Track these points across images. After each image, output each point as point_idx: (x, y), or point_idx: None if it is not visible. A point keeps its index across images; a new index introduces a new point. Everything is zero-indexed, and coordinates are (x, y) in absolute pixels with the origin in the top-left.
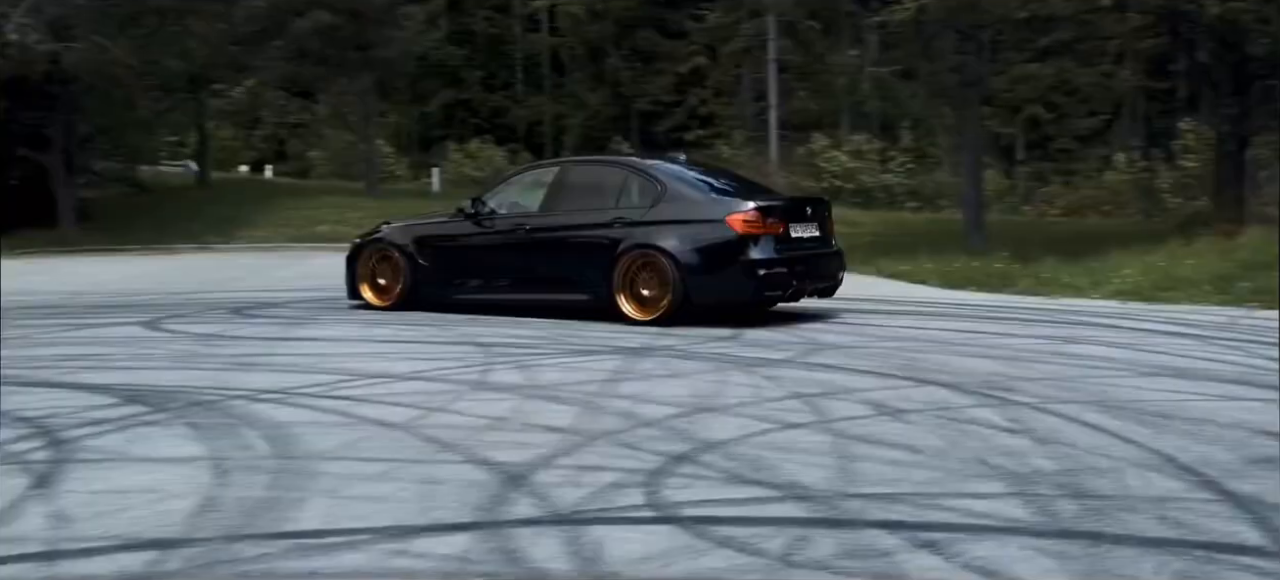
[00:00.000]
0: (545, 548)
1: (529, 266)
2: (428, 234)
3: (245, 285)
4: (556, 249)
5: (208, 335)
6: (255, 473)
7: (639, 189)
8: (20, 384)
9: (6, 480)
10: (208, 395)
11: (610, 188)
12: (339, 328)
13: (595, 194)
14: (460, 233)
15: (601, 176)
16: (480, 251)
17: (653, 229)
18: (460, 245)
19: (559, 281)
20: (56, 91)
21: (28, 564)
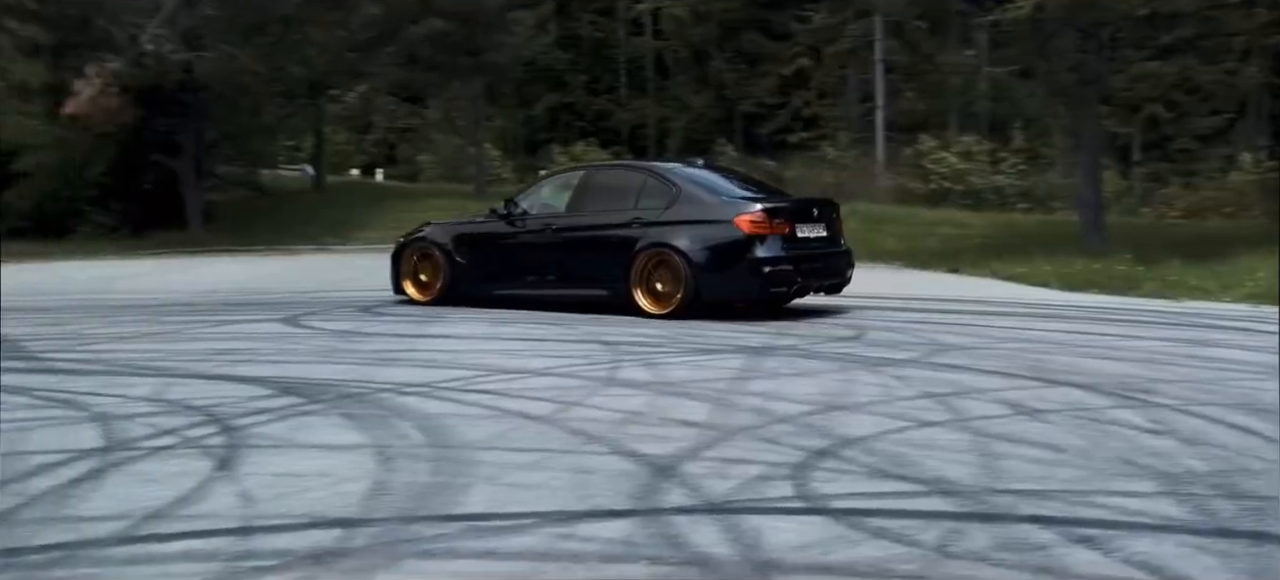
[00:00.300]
0: (704, 534)
1: (555, 263)
2: (465, 233)
3: (366, 284)
4: (580, 247)
5: (344, 332)
6: (417, 460)
7: (656, 191)
8: (181, 375)
9: (191, 463)
10: (356, 389)
11: (630, 190)
12: (466, 326)
13: (616, 196)
14: (494, 232)
15: (622, 179)
16: (512, 249)
17: (667, 229)
18: (494, 244)
19: (581, 277)
20: (188, 99)
21: (227, 538)
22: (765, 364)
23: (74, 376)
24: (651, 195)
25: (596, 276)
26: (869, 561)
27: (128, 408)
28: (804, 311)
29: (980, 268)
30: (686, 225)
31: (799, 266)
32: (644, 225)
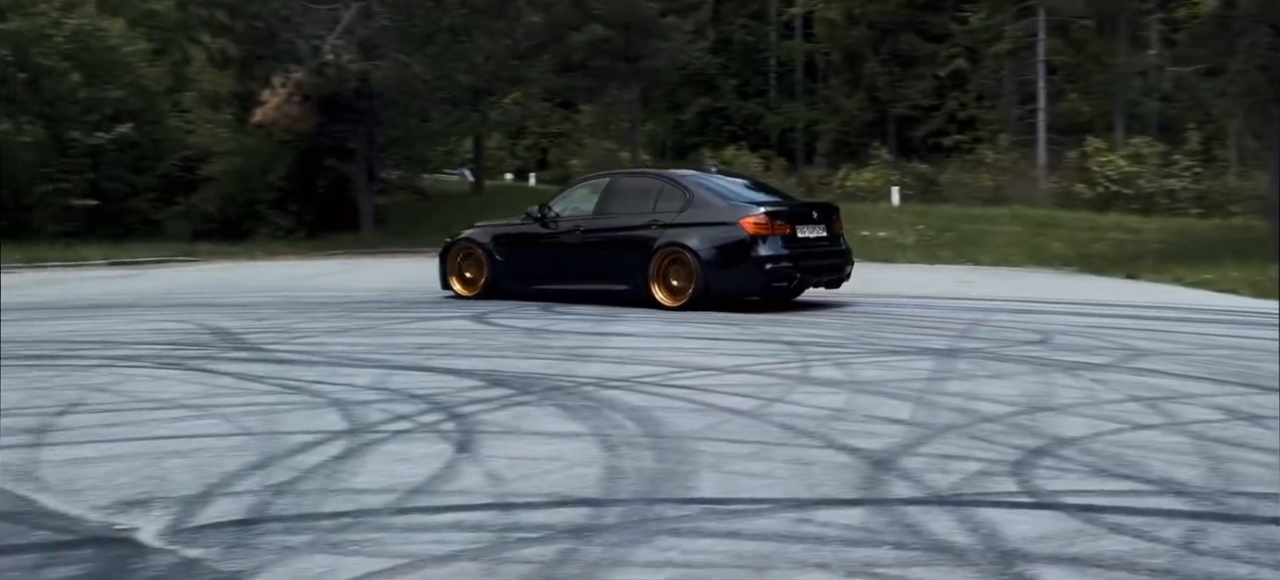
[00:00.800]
0: (940, 523)
1: (582, 261)
2: (504, 234)
3: None
4: (604, 247)
5: (532, 329)
6: (638, 448)
7: (671, 196)
8: (395, 367)
9: (433, 446)
10: (560, 382)
11: (649, 195)
12: (644, 324)
13: (637, 200)
14: (529, 233)
15: (642, 185)
16: (544, 249)
17: (680, 230)
18: (529, 244)
19: (605, 274)
20: (362, 107)
21: (488, 513)
22: (956, 366)
23: (299, 367)
24: (667, 200)
25: (619, 273)
26: (1115, 555)
27: (358, 395)
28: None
29: (1160, 274)
30: (698, 227)
31: (798, 264)
32: (661, 227)
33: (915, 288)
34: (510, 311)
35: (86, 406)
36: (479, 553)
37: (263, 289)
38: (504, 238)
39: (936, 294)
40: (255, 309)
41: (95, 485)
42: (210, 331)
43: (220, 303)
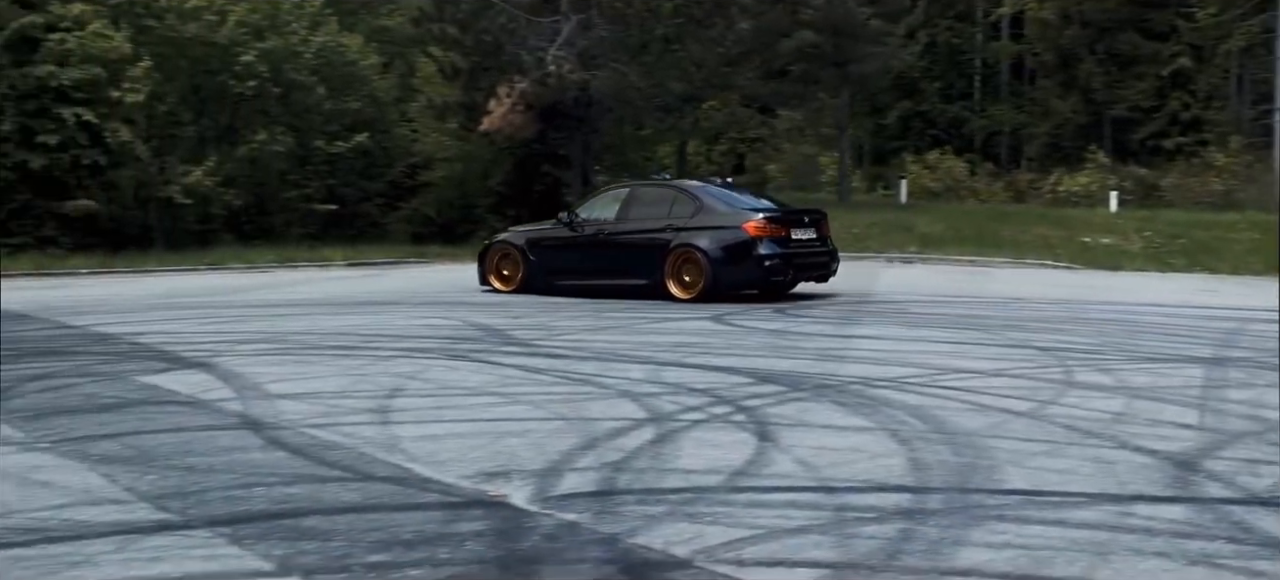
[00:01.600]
0: (1267, 522)
1: (607, 260)
2: (537, 237)
3: None
4: (626, 248)
5: (775, 330)
6: (932, 443)
7: (683, 204)
8: (661, 363)
9: (734, 434)
10: (827, 381)
11: (664, 202)
12: (882, 328)
13: (653, 208)
14: (560, 236)
15: (657, 195)
16: (572, 250)
17: (692, 233)
18: (560, 245)
19: (626, 271)
20: (580, 114)
21: (815, 494)
22: (1229, 374)
23: (572, 361)
24: (680, 207)
25: (638, 270)
26: None
27: (640, 388)
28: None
29: None
30: (706, 230)
31: (791, 261)
32: (675, 230)
33: (1151, 295)
34: (748, 314)
35: (408, 392)
36: (824, 527)
37: None
38: (537, 240)
39: (1177, 302)
40: (507, 307)
41: (453, 458)
42: (476, 328)
43: (471, 301)
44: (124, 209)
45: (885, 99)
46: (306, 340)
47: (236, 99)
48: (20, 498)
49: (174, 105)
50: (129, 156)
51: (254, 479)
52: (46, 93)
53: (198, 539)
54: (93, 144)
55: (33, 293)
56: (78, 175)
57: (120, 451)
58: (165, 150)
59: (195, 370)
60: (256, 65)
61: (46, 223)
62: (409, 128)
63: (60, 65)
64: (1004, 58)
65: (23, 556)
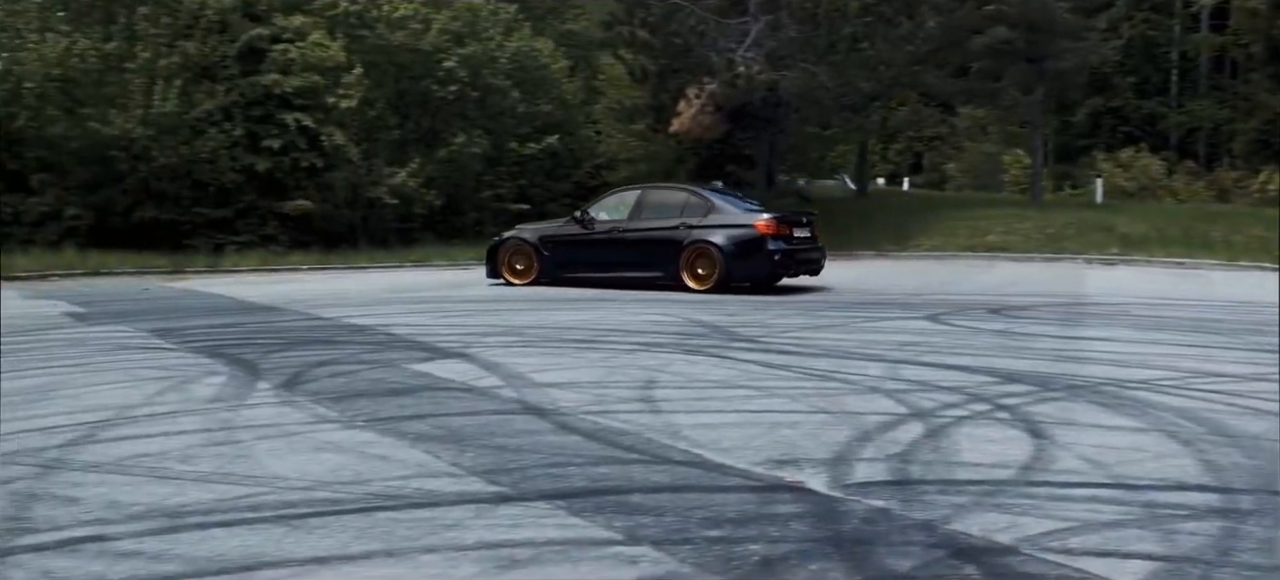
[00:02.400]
0: None
1: (625, 256)
2: (550, 235)
3: (966, 288)
4: (643, 244)
5: (997, 330)
6: (1217, 446)
7: (696, 205)
8: (894, 361)
9: (1005, 431)
10: (1074, 381)
11: (677, 203)
12: (1109, 329)
13: (667, 208)
14: (573, 234)
15: (670, 197)
16: (587, 246)
17: (706, 230)
18: (573, 242)
19: (644, 265)
20: (767, 115)
21: (1116, 490)
22: None
23: (805, 357)
24: (693, 208)
25: (655, 264)
26: None
27: (887, 384)
28: None
29: None
30: (720, 228)
31: (793, 257)
32: (689, 228)
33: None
34: (961, 315)
35: (662, 384)
36: (1139, 522)
37: None
38: (550, 238)
39: None
40: (722, 305)
41: (737, 446)
42: (699, 324)
43: (682, 300)
44: (335, 208)
45: (1074, 95)
46: (543, 334)
47: (438, 103)
48: (369, 469)
49: (381, 110)
50: (342, 159)
51: (562, 459)
52: (271, 100)
53: (540, 510)
54: (310, 147)
55: (265, 287)
56: (296, 177)
57: (431, 431)
58: (373, 153)
59: (455, 360)
60: (457, 70)
61: (268, 221)
62: (593, 129)
63: (283, 74)
64: (1205, 51)
65: (400, 518)
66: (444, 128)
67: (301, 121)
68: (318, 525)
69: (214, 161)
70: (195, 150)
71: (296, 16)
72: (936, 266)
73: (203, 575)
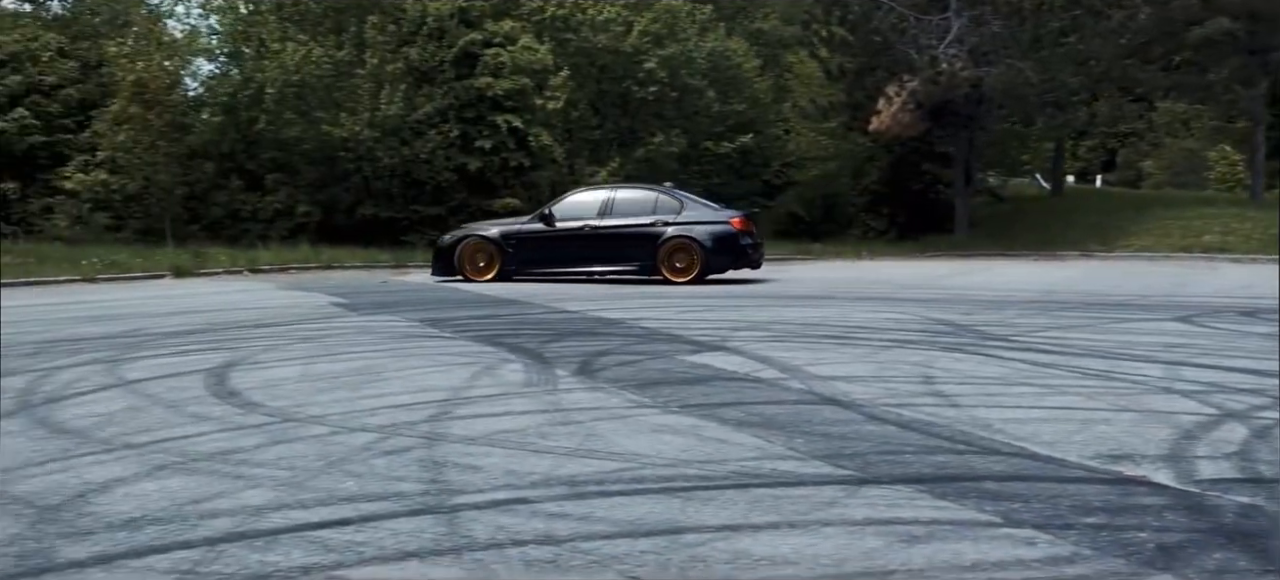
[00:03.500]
0: None
1: (598, 251)
2: (513, 232)
3: (1199, 291)
4: (618, 240)
5: (1263, 333)
6: None
7: (668, 204)
8: (1166, 363)
9: None
10: None
11: (650, 202)
12: None
13: (640, 206)
14: (538, 231)
15: (642, 196)
16: (556, 243)
17: (684, 226)
18: (540, 238)
19: (620, 260)
20: (969, 112)
21: None
22: None
23: (1071, 356)
24: (666, 206)
25: (631, 258)
26: None
27: (1177, 385)
28: None
29: None
30: (697, 224)
31: (758, 249)
32: (666, 224)
33: None
34: (1215, 317)
35: (940, 380)
36: None
37: (913, 285)
38: (513, 234)
39: None
40: (954, 304)
41: (1059, 440)
42: (937, 322)
43: (899, 297)
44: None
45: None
46: (789, 329)
47: (637, 103)
48: (714, 451)
49: (584, 111)
50: (547, 159)
51: (891, 448)
52: (483, 102)
53: (903, 493)
54: (518, 147)
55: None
56: (504, 176)
57: (747, 418)
58: (575, 152)
59: (720, 353)
60: (657, 71)
61: (478, 218)
62: (783, 127)
63: (494, 77)
64: None
65: (776, 494)
66: (641, 127)
67: (511, 122)
68: (706, 497)
69: (431, 161)
70: (415, 151)
71: (506, 21)
72: (1151, 268)
73: (635, 535)
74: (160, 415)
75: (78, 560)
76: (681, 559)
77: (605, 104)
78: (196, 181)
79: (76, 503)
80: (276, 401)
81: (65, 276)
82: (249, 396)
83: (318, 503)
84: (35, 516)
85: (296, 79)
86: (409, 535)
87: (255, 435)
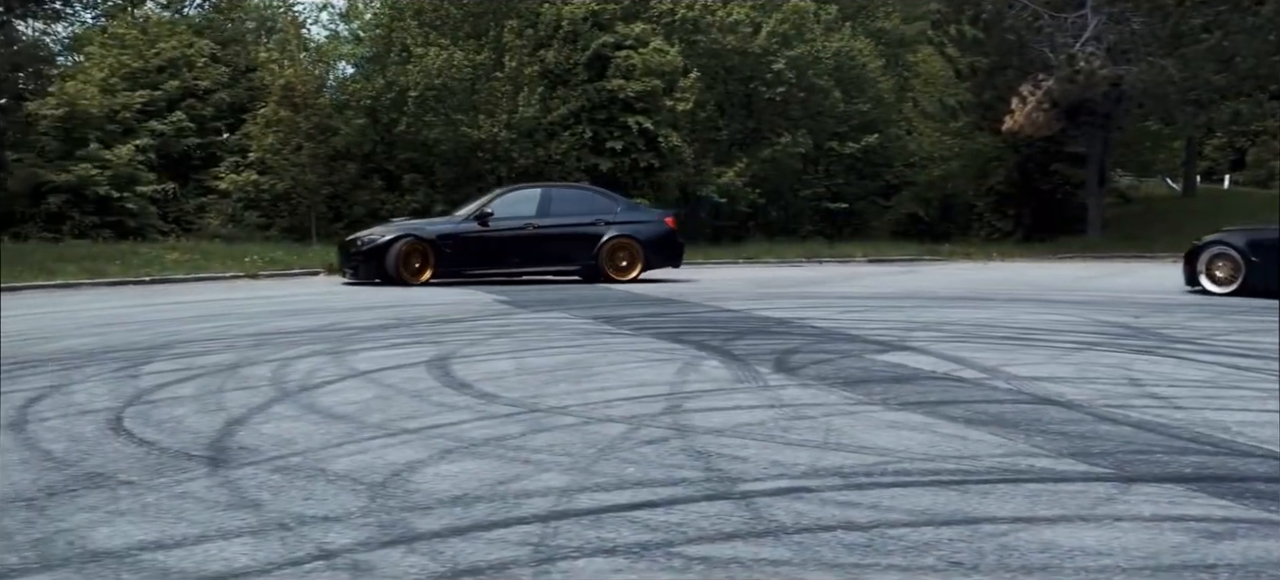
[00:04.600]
0: None
1: (536, 251)
2: (451, 232)
3: None
4: (558, 240)
5: None
6: None
7: (604, 205)
8: None
9: None
10: None
11: (587, 201)
12: None
13: (579, 206)
14: (474, 232)
15: (579, 195)
16: (493, 244)
17: (624, 226)
18: (476, 239)
19: (560, 259)
20: (1107, 110)
21: None
22: None
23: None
24: (604, 207)
25: (574, 259)
26: None
27: None
28: None
29: None
30: (636, 223)
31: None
32: (607, 224)
33: None
34: None
35: (1145, 381)
36: None
37: (1058, 288)
38: (451, 235)
39: None
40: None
41: None
42: (1108, 325)
43: (1050, 299)
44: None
45: None
46: (962, 331)
47: (764, 104)
48: (959, 447)
49: (711, 112)
50: (676, 159)
51: (1139, 448)
52: (614, 104)
53: (1177, 491)
54: (648, 148)
55: None
56: (634, 176)
57: (974, 416)
58: (702, 152)
59: (907, 352)
60: (785, 72)
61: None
62: (906, 127)
63: (626, 79)
64: None
65: (1052, 490)
66: (767, 127)
67: (642, 123)
68: (981, 491)
69: (563, 162)
70: (549, 152)
71: (637, 24)
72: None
73: (934, 524)
74: (411, 404)
75: (434, 530)
76: (992, 548)
77: (731, 105)
78: (340, 181)
79: (395, 481)
80: (510, 393)
81: (230, 273)
82: (480, 388)
83: (614, 486)
84: (370, 491)
85: (438, 82)
86: (718, 518)
87: (512, 424)
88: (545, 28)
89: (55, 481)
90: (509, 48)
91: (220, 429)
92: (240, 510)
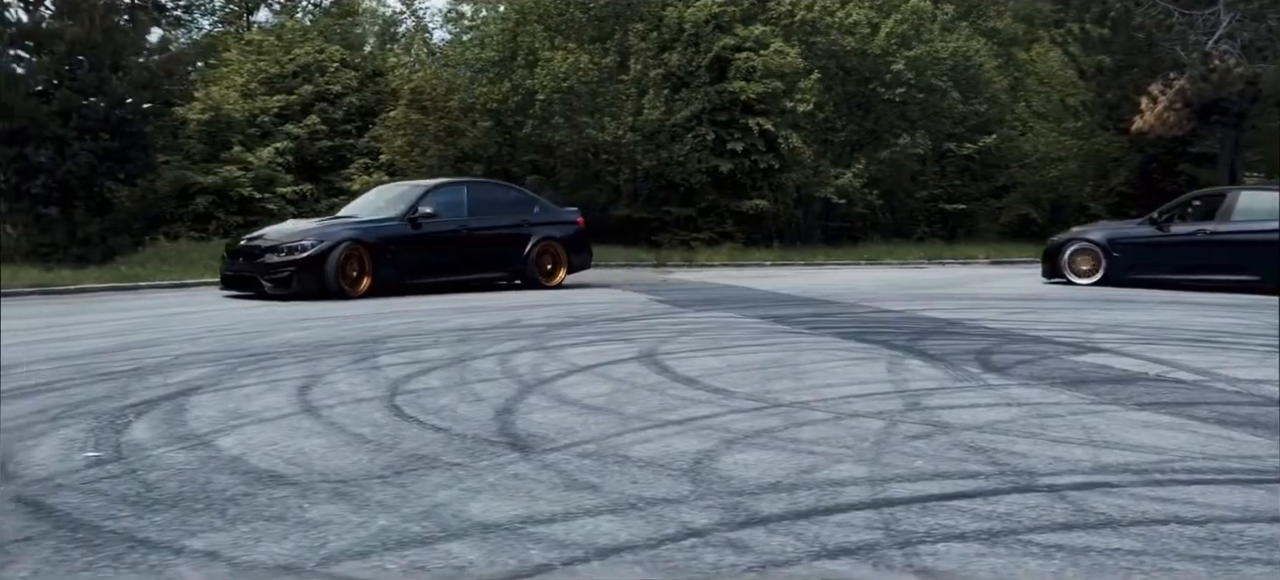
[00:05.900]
0: None
1: (468, 256)
2: (389, 235)
3: None
4: (490, 243)
5: None
6: None
7: (523, 204)
8: None
9: None
10: None
11: (507, 201)
12: None
13: (505, 207)
14: (408, 234)
15: (501, 194)
16: (424, 248)
17: (545, 227)
18: (412, 243)
19: (492, 264)
20: (1241, 110)
21: None
22: None
23: None
24: (522, 206)
25: (504, 263)
26: None
27: None
28: None
29: None
30: (554, 224)
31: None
32: (531, 226)
33: None
34: None
35: None
36: None
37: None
38: (390, 239)
39: None
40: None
41: None
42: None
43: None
44: (785, 207)
45: None
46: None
47: (883, 105)
48: (1229, 447)
49: (830, 113)
50: (795, 161)
51: None
52: (735, 105)
53: None
54: (768, 150)
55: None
56: (753, 178)
57: (1223, 417)
58: (821, 154)
59: (1100, 354)
60: (904, 73)
61: (726, 219)
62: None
63: (746, 80)
64: None
65: None
66: (885, 128)
67: (762, 125)
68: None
69: (684, 164)
70: (673, 154)
71: (756, 26)
72: None
73: (1262, 521)
74: (653, 398)
75: (775, 514)
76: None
77: (849, 106)
78: None
79: (703, 469)
80: (740, 388)
81: None
82: (707, 383)
83: (915, 478)
84: (688, 478)
85: (565, 85)
86: (1036, 509)
87: (768, 418)
88: (669, 30)
89: (391, 462)
90: (634, 51)
91: (493, 417)
92: (578, 491)
